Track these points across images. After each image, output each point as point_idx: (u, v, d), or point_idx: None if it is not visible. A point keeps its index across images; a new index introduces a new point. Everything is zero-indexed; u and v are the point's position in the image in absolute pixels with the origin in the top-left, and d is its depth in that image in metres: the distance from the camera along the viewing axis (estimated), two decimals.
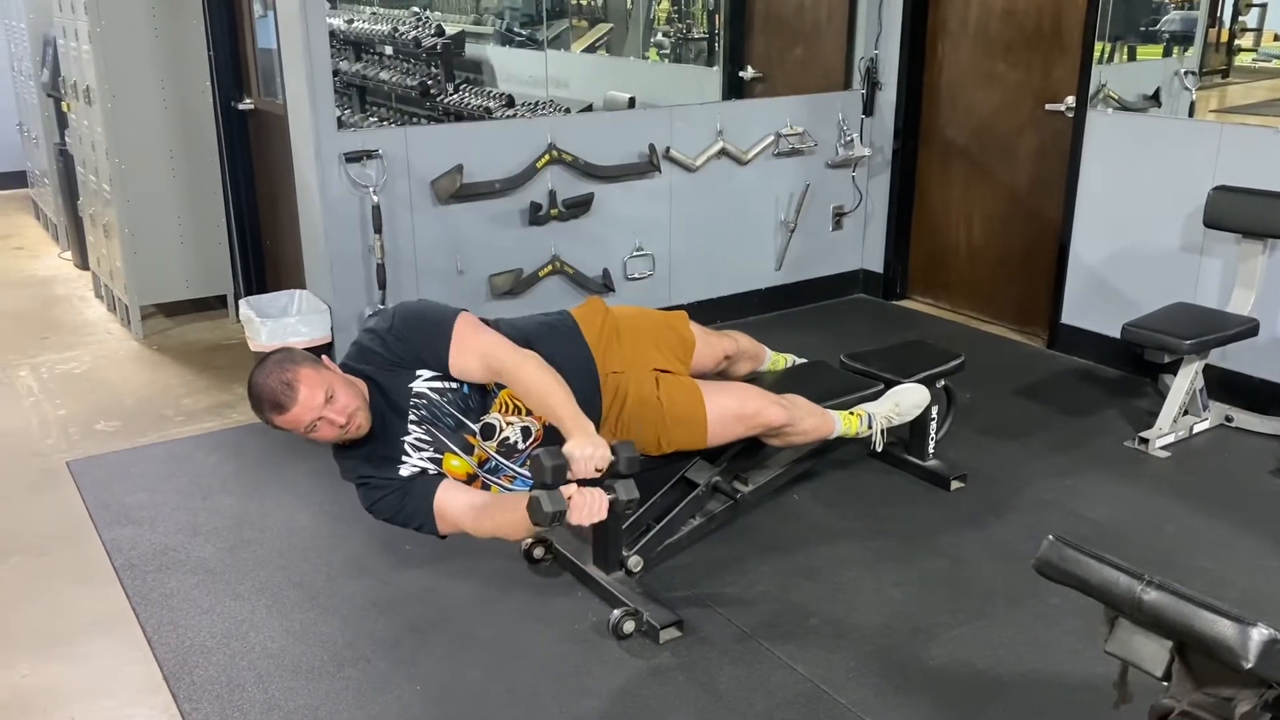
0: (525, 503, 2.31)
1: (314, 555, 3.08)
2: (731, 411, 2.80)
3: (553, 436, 2.58)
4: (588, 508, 2.28)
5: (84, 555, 3.10)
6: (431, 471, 2.50)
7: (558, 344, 2.69)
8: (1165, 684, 1.60)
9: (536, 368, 2.46)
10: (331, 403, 2.36)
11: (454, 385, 2.50)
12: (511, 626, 2.72)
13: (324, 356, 2.48)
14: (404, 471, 2.49)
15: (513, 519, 2.36)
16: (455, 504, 2.44)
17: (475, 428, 2.52)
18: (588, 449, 2.31)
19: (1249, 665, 1.43)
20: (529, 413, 2.56)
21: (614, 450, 2.37)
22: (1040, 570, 1.73)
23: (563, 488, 2.29)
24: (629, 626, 2.66)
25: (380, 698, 2.47)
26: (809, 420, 2.97)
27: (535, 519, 2.25)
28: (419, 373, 2.48)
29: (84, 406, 4.15)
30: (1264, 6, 4.29)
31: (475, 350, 2.48)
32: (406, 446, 2.47)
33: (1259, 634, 1.43)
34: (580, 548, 2.95)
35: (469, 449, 2.51)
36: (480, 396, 2.53)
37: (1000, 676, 2.52)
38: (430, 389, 2.48)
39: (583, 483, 2.32)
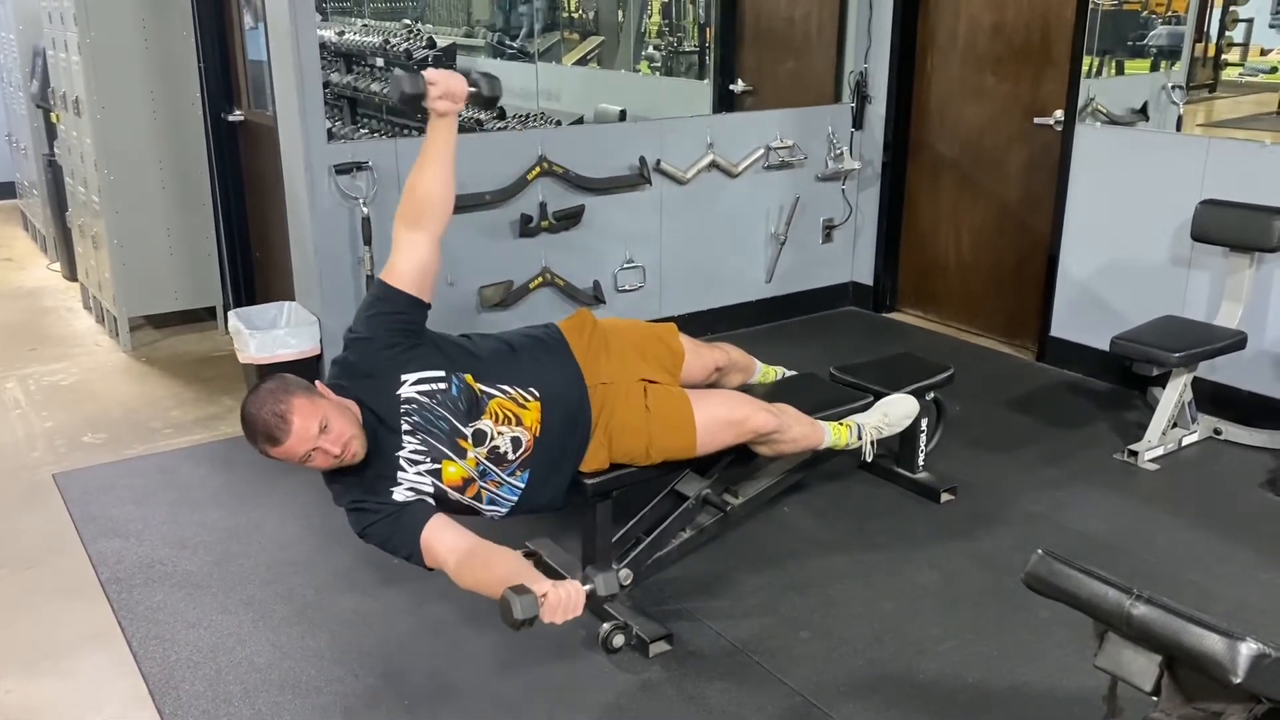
0: (506, 562, 2.26)
1: (302, 569, 3.07)
2: (720, 418, 2.79)
3: (543, 451, 2.57)
4: (563, 606, 2.13)
5: (70, 569, 3.08)
6: (427, 492, 2.46)
7: (545, 356, 2.68)
8: (1155, 698, 1.60)
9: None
10: (326, 433, 2.32)
11: (441, 386, 2.48)
12: (500, 641, 2.71)
13: (318, 383, 2.45)
14: (398, 496, 2.43)
15: (490, 580, 2.25)
16: (442, 544, 2.37)
17: (467, 431, 2.49)
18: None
19: (1238, 680, 1.43)
20: (519, 422, 2.55)
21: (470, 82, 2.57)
22: (1029, 585, 1.73)
23: (536, 586, 2.11)
24: (618, 640, 2.66)
25: (368, 713, 2.46)
26: (798, 428, 2.96)
27: (505, 621, 2.08)
28: (403, 378, 2.46)
29: (71, 418, 4.13)
30: (1250, 21, 4.31)
31: (405, 246, 2.57)
32: (403, 461, 2.44)
33: (1247, 649, 1.43)
34: (570, 561, 2.95)
35: (462, 453, 2.49)
36: (470, 399, 2.51)
37: (990, 689, 2.52)
38: (418, 393, 2.46)
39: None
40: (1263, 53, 4.29)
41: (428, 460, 2.45)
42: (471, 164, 4.21)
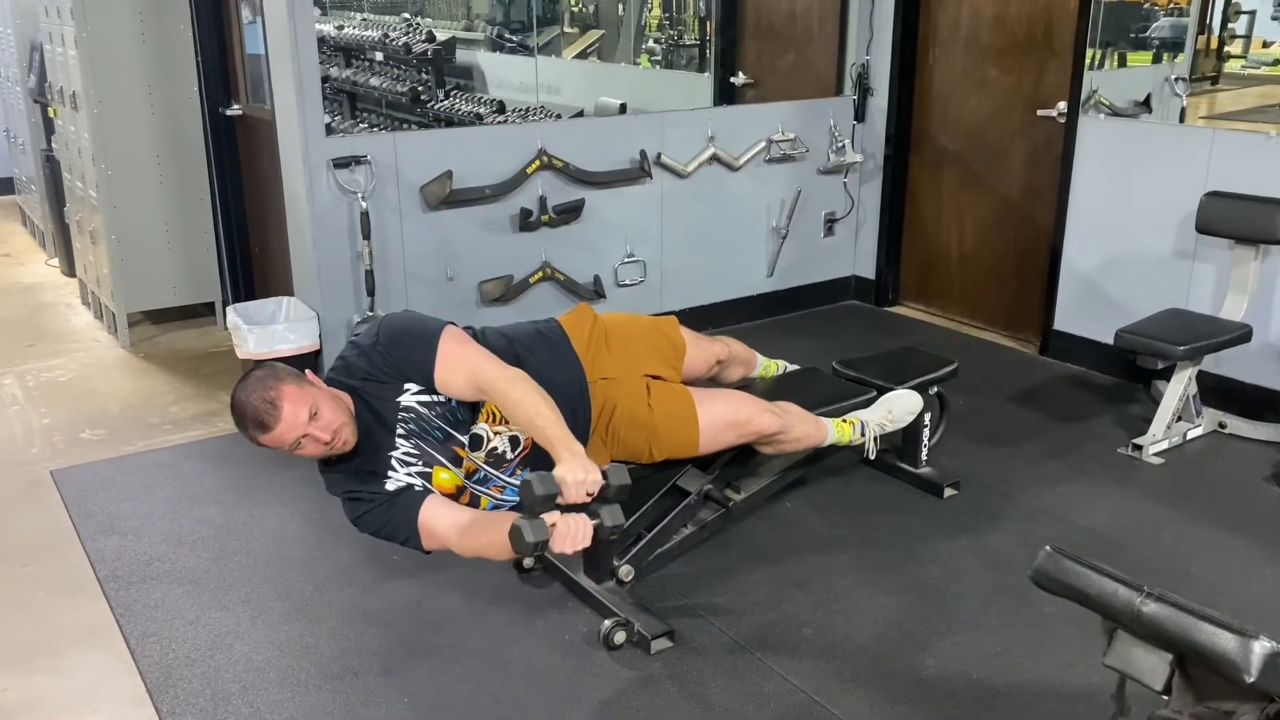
0: (508, 519, 2.27)
1: (301, 566, 3.05)
2: (723, 419, 2.77)
3: (542, 449, 2.55)
4: (571, 535, 2.19)
5: (67, 566, 3.06)
6: (418, 487, 2.46)
7: (546, 352, 2.66)
8: (1165, 697, 1.58)
9: (524, 387, 2.37)
10: (316, 419, 2.33)
11: (441, 399, 2.48)
12: (501, 638, 2.69)
13: (308, 371, 2.45)
14: (390, 486, 2.45)
15: (497, 539, 2.28)
16: (441, 521, 2.40)
17: (463, 439, 2.49)
18: (579, 474, 2.21)
19: (1251, 679, 1.41)
20: None
21: (604, 474, 2.27)
22: (1037, 582, 1.71)
23: (546, 515, 2.20)
24: (620, 637, 2.64)
25: (368, 711, 2.44)
26: (801, 428, 2.95)
27: (517, 548, 2.17)
28: (406, 387, 2.45)
29: (69, 415, 4.11)
30: (1253, 13, 4.29)
31: (462, 367, 2.42)
32: (394, 461, 2.44)
33: (1261, 647, 1.41)
34: (571, 558, 2.92)
35: (457, 461, 2.49)
36: (468, 409, 2.51)
37: (994, 686, 2.50)
38: (418, 403, 2.45)
39: (567, 508, 2.23)
40: (1265, 45, 4.26)
41: (419, 464, 2.46)
42: (471, 158, 4.20)
